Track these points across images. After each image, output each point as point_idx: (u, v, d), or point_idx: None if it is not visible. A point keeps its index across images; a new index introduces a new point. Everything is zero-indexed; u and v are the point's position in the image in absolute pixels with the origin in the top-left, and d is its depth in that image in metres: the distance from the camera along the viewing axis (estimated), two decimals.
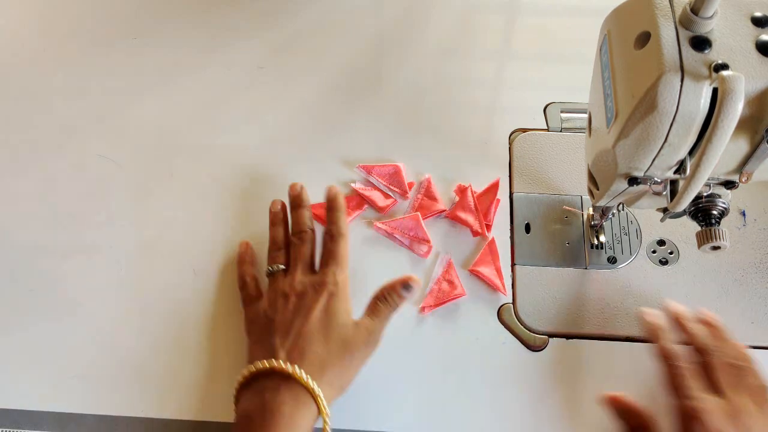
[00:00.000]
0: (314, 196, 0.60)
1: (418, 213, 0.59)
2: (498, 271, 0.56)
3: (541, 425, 0.51)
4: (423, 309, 0.55)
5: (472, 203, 0.59)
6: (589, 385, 0.52)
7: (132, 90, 0.69)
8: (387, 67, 0.70)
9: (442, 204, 0.60)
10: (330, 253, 0.52)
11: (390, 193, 0.61)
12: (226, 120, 0.67)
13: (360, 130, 0.66)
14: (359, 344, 0.48)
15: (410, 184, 0.61)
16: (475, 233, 0.59)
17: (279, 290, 0.50)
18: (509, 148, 0.64)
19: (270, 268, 0.53)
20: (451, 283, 0.56)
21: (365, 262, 0.57)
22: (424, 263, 0.58)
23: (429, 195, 0.61)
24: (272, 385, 0.44)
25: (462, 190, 0.60)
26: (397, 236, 0.58)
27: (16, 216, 0.62)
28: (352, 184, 0.61)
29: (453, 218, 0.59)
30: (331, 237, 0.53)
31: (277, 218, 0.57)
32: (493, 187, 0.60)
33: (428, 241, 0.58)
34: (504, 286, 0.56)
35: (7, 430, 0.51)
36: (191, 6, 0.76)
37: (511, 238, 0.59)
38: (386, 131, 0.65)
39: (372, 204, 0.60)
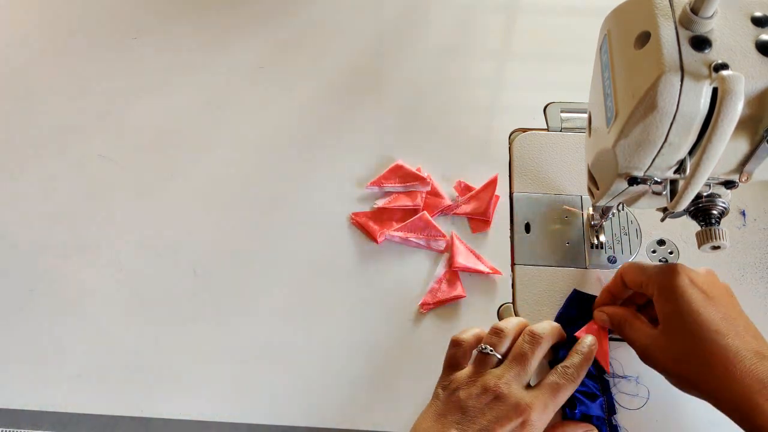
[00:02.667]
0: (315, 193, 0.60)
1: (425, 212, 0.59)
2: (478, 257, 0.57)
3: None
4: (423, 306, 0.55)
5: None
6: None
7: (132, 90, 0.69)
8: (387, 67, 0.70)
9: (448, 200, 0.60)
10: (548, 385, 0.45)
11: (412, 189, 0.61)
12: (226, 119, 0.67)
13: (360, 129, 0.66)
14: None
15: (418, 169, 0.62)
16: (474, 230, 0.59)
17: (482, 378, 0.45)
18: (509, 148, 0.64)
19: (483, 348, 0.47)
20: (452, 283, 0.56)
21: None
22: (432, 261, 0.58)
23: (434, 192, 0.61)
24: None
25: (464, 188, 0.61)
26: (412, 239, 0.58)
27: (16, 216, 0.62)
28: (375, 204, 0.60)
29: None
30: (564, 371, 0.46)
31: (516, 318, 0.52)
32: (492, 183, 0.60)
33: (444, 236, 0.58)
34: (493, 268, 0.56)
35: (7, 430, 0.51)
36: (191, 6, 0.76)
37: (511, 238, 0.59)
38: (386, 131, 0.65)
39: (407, 209, 0.60)
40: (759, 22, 0.38)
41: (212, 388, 0.53)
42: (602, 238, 0.57)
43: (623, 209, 0.59)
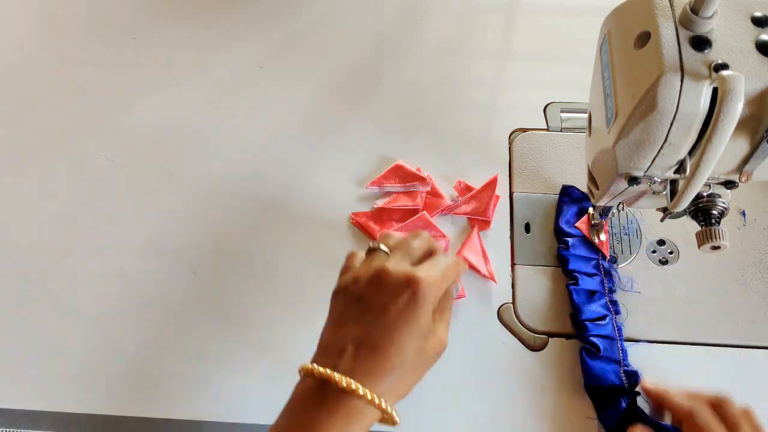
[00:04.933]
0: (315, 193, 0.59)
1: (425, 212, 0.59)
2: (486, 259, 0.57)
3: (540, 425, 0.51)
4: None
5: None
6: None
7: (132, 90, 0.69)
8: (387, 67, 0.70)
9: (448, 200, 0.60)
10: (432, 260, 0.45)
11: (412, 189, 0.61)
12: (226, 120, 0.67)
13: (360, 129, 0.66)
14: (432, 354, 0.43)
15: (418, 169, 0.62)
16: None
17: (370, 264, 0.44)
18: (509, 148, 0.64)
19: (372, 244, 0.46)
20: None
21: None
22: None
23: (434, 193, 0.61)
24: (331, 396, 0.41)
25: (464, 188, 0.61)
26: None
27: (16, 216, 0.62)
28: (375, 204, 0.60)
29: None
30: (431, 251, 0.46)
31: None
32: (492, 183, 0.60)
33: (444, 236, 0.58)
34: (491, 274, 0.56)
35: (7, 430, 0.51)
36: (191, 6, 0.76)
37: (511, 238, 0.59)
38: (386, 131, 0.65)
39: (407, 209, 0.60)
40: (759, 22, 0.38)
41: (212, 388, 0.53)
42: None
43: (623, 209, 0.59)
